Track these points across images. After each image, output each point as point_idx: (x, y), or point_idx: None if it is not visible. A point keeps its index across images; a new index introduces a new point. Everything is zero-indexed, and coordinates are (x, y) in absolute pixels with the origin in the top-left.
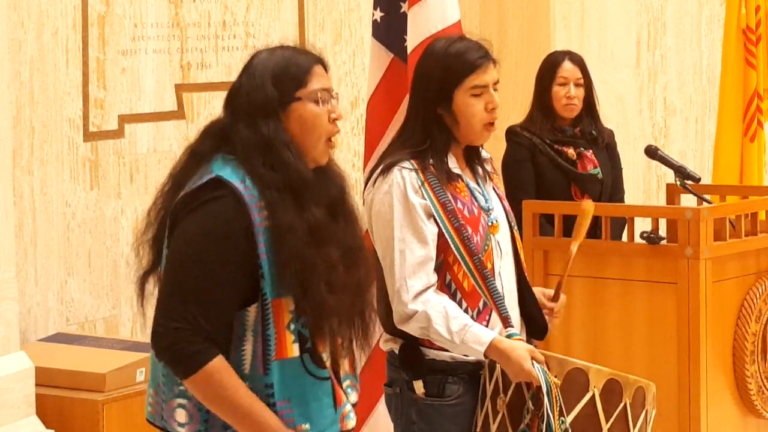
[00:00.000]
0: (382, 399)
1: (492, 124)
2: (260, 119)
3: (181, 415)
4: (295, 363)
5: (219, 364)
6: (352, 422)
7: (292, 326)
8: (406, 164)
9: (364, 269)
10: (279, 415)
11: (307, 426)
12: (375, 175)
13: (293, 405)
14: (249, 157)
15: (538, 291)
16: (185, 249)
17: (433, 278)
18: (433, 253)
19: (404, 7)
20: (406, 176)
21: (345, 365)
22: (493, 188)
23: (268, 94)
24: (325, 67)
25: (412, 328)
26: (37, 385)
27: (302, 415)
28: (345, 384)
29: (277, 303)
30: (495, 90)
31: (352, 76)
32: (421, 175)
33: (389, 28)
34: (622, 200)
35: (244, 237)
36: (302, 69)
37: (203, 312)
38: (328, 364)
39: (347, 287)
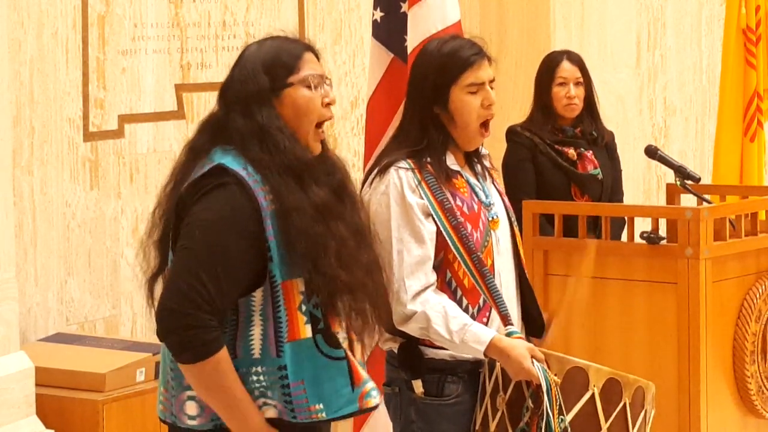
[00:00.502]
0: (383, 399)
1: (487, 124)
2: (254, 107)
3: (191, 408)
4: (308, 344)
5: (225, 354)
6: (374, 400)
7: (304, 307)
8: (403, 164)
9: (372, 250)
10: (293, 396)
11: (320, 406)
12: (372, 176)
13: (307, 386)
14: (246, 145)
15: None
16: (197, 234)
17: (432, 278)
18: (432, 253)
19: (404, 7)
20: (402, 176)
21: (358, 351)
22: (493, 183)
23: (261, 82)
24: (316, 55)
25: (411, 329)
26: (37, 385)
27: (316, 395)
28: None
29: (287, 285)
30: (491, 87)
31: (352, 76)
32: (418, 174)
33: (389, 28)
34: (621, 201)
35: (253, 221)
36: (293, 56)
37: (219, 295)
38: (345, 344)
39: (359, 264)
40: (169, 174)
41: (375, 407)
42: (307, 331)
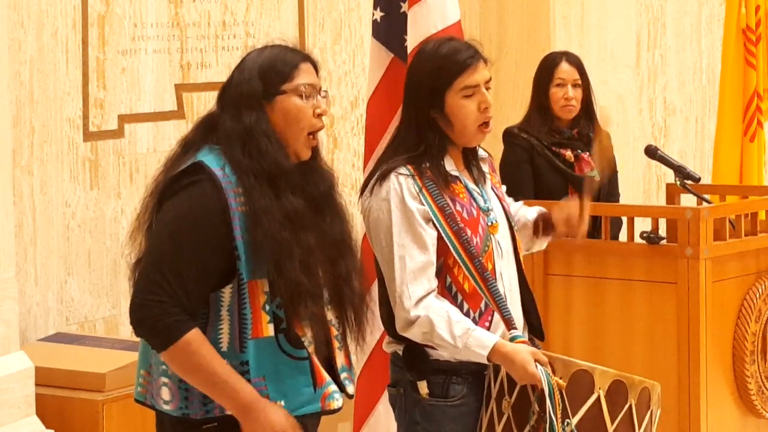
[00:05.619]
0: (382, 399)
1: (486, 124)
2: (244, 110)
3: (165, 393)
4: (270, 342)
5: (196, 335)
6: (337, 402)
7: (267, 307)
8: (403, 170)
9: (351, 260)
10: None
11: (281, 403)
12: (372, 183)
13: (268, 382)
14: (230, 146)
15: (563, 208)
16: (164, 229)
17: (435, 283)
18: (434, 258)
19: (404, 6)
20: (402, 182)
21: (341, 357)
22: (492, 188)
23: (254, 86)
24: (315, 66)
25: (414, 334)
26: (37, 385)
27: (277, 391)
28: (342, 376)
29: (253, 284)
30: (487, 89)
31: (352, 76)
32: (418, 180)
33: (389, 28)
34: (617, 202)
35: (220, 219)
36: (289, 65)
37: (181, 287)
38: (311, 348)
39: (331, 273)
40: (161, 165)
41: (338, 409)
42: (269, 330)
